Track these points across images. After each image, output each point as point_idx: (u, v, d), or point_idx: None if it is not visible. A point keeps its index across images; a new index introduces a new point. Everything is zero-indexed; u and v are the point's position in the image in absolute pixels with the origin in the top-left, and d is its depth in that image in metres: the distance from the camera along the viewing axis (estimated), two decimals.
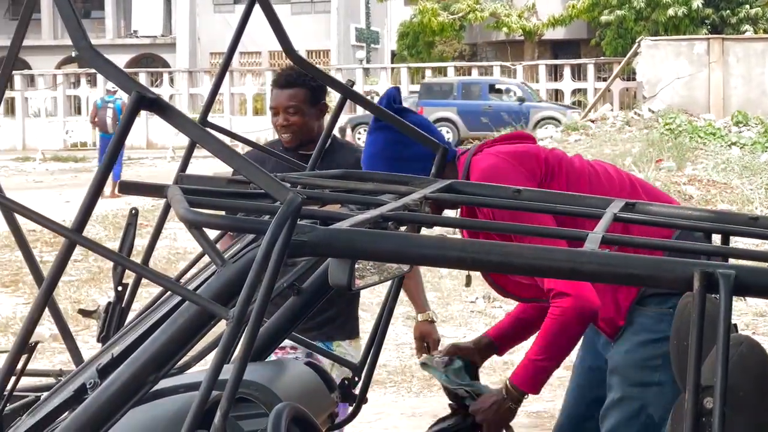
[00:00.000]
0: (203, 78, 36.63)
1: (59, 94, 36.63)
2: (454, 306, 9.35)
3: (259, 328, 1.65)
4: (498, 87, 30.01)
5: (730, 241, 2.30)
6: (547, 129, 23.93)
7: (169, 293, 2.10)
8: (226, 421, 1.60)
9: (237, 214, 1.96)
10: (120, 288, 2.45)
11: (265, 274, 1.63)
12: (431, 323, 4.10)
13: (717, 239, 2.31)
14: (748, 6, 33.00)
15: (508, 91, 29.43)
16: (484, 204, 2.68)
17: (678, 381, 2.06)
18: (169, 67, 41.13)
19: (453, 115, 28.86)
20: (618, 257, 1.71)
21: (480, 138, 21.29)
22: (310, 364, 2.86)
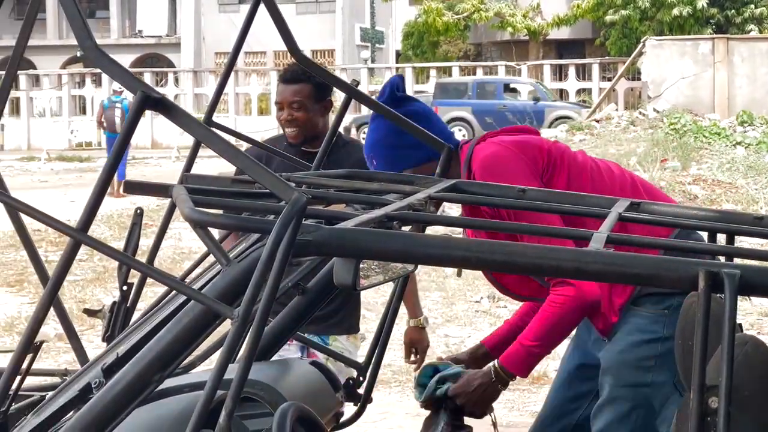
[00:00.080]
0: (208, 78, 36.65)
1: (64, 93, 36.65)
2: (459, 306, 9.36)
3: (264, 327, 1.65)
4: (513, 86, 29.99)
5: (735, 241, 2.29)
6: (559, 128, 23.91)
7: (174, 293, 2.11)
8: (230, 421, 1.60)
9: (242, 214, 1.96)
10: (125, 287, 2.45)
11: (270, 274, 1.63)
12: (422, 329, 4.07)
13: (722, 239, 2.31)
14: (753, 6, 32.98)
15: (521, 91, 29.44)
16: (489, 204, 2.68)
17: (683, 380, 2.06)
18: (174, 66, 41.17)
19: (468, 114, 28.86)
20: (623, 257, 1.71)
21: None
22: (315, 364, 2.86)
